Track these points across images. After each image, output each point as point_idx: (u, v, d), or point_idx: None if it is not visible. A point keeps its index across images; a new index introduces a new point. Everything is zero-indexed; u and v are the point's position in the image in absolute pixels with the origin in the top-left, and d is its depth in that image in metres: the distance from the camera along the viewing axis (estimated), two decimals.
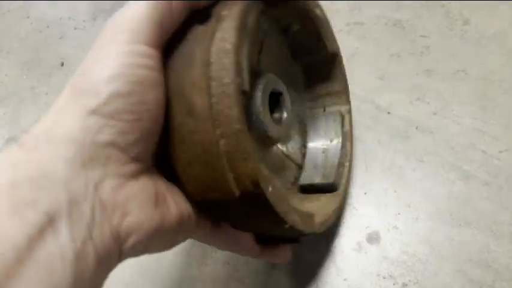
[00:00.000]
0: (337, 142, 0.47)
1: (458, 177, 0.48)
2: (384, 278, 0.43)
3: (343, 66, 0.50)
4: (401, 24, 0.62)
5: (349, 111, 0.49)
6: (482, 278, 0.42)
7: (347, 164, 0.46)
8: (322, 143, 0.48)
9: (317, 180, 0.44)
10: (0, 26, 0.76)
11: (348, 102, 0.50)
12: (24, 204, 0.20)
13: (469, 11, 0.62)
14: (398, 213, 0.47)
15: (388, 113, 0.53)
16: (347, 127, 0.48)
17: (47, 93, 0.65)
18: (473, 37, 0.59)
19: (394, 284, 0.43)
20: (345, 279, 0.44)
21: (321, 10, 0.45)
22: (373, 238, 0.46)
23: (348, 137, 0.48)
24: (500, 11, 0.61)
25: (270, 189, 0.26)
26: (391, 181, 0.48)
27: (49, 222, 0.20)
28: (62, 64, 0.68)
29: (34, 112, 0.63)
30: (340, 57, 0.49)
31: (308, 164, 0.47)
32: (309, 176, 0.45)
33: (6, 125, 0.63)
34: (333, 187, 0.44)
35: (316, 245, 0.46)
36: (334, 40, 0.47)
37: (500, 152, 0.49)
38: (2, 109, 0.65)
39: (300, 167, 0.46)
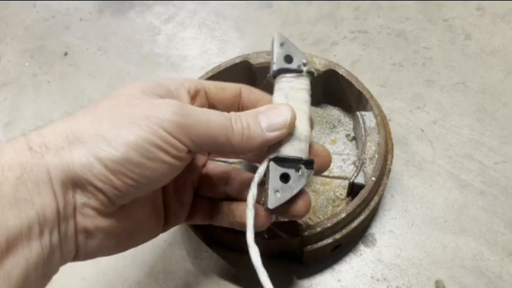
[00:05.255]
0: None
1: (455, 185, 0.49)
2: (378, 280, 0.44)
3: None
4: (404, 35, 0.63)
5: None
6: (475, 285, 0.42)
7: None
8: None
9: None
10: (6, 13, 0.76)
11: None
12: (24, 200, 0.23)
13: (471, 27, 0.63)
14: (395, 218, 0.47)
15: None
16: None
17: (48, 82, 0.65)
18: (474, 51, 0.60)
19: (387, 287, 0.43)
20: (339, 280, 0.44)
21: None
22: (368, 241, 0.46)
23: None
24: (501, 28, 0.63)
25: None
26: (388, 186, 0.49)
27: (38, 222, 0.24)
28: (66, 54, 0.68)
29: (35, 100, 0.63)
30: None
31: None
32: None
33: (5, 110, 0.62)
34: None
35: None
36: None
37: (496, 163, 0.50)
38: (3, 95, 0.64)
39: None
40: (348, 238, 0.43)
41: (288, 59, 0.33)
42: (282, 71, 0.33)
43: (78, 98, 0.63)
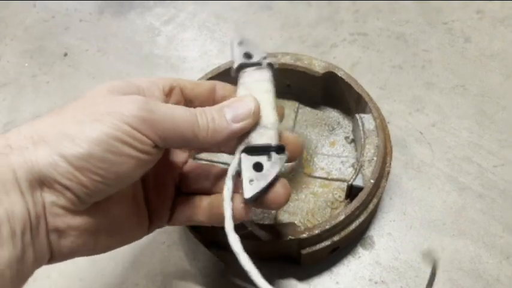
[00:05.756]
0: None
1: (453, 188, 0.49)
2: (376, 283, 0.43)
3: None
4: (404, 38, 0.64)
5: None
6: None
7: None
8: None
9: None
10: (6, 13, 0.76)
11: None
12: None
13: (471, 30, 0.63)
14: (393, 220, 0.47)
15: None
16: None
17: (48, 82, 0.65)
18: (474, 55, 0.60)
19: None
20: (337, 283, 0.44)
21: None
22: (367, 243, 0.46)
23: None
24: (500, 32, 0.63)
25: None
26: (387, 188, 0.49)
27: (8, 221, 0.24)
28: (66, 54, 0.68)
29: (34, 100, 0.63)
30: None
31: None
32: None
33: (4, 111, 0.62)
34: None
35: None
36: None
37: (495, 166, 0.50)
38: (2, 95, 0.64)
39: None
40: (346, 240, 0.43)
41: (248, 55, 0.34)
42: (242, 66, 0.34)
43: (78, 99, 0.62)
